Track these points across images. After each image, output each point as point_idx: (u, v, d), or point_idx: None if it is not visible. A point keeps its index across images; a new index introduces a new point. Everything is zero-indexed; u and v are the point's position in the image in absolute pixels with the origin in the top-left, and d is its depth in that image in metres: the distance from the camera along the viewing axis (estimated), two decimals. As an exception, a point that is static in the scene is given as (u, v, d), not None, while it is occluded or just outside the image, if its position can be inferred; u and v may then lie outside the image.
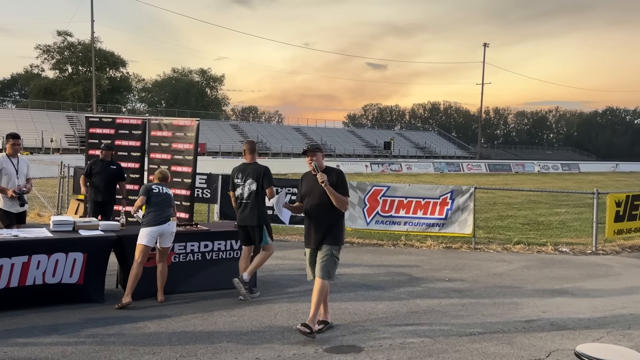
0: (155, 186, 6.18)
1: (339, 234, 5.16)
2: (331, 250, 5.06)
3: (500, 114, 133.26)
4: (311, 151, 5.16)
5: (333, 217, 5.12)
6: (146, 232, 5.89)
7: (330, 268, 5.05)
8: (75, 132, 53.23)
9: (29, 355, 4.40)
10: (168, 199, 6.15)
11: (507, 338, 5.17)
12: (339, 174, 5.16)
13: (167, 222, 5.98)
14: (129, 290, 5.82)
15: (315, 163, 5.12)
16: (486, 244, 10.43)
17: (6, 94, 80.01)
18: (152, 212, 5.98)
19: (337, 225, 5.16)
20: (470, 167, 51.76)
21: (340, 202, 5.05)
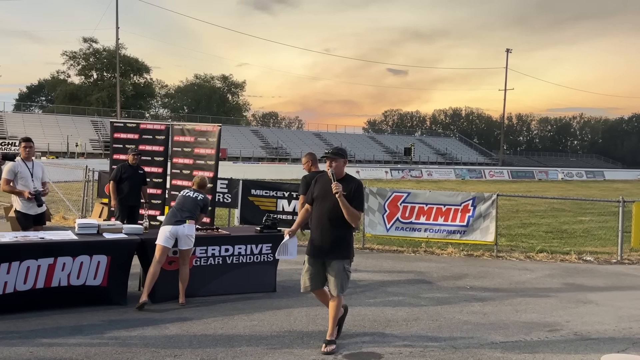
0: (185, 190, 6.47)
1: (349, 247, 4.92)
2: (343, 265, 4.84)
3: (523, 120, 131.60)
4: (330, 157, 4.84)
5: (343, 229, 4.82)
6: (161, 231, 6.04)
7: (344, 283, 4.87)
8: (99, 136, 54.19)
9: (53, 356, 4.48)
10: (191, 202, 6.22)
11: (530, 347, 5.10)
12: (357, 186, 4.85)
13: (182, 224, 6.00)
14: (146, 289, 5.90)
15: (332, 170, 4.82)
16: (508, 252, 10.30)
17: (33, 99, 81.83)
18: (170, 212, 6.20)
19: (347, 238, 4.89)
20: (492, 173, 51.20)
21: (352, 216, 4.74)
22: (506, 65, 70.86)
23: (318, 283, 4.97)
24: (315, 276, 4.95)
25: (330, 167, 4.84)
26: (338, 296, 4.90)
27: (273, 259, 6.88)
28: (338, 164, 4.85)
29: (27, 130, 50.76)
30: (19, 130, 50.43)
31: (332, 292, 4.89)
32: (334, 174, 4.80)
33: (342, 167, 4.91)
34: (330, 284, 4.87)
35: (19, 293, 5.51)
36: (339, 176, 4.86)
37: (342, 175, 4.90)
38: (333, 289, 4.86)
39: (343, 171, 4.92)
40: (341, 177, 4.88)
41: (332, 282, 4.85)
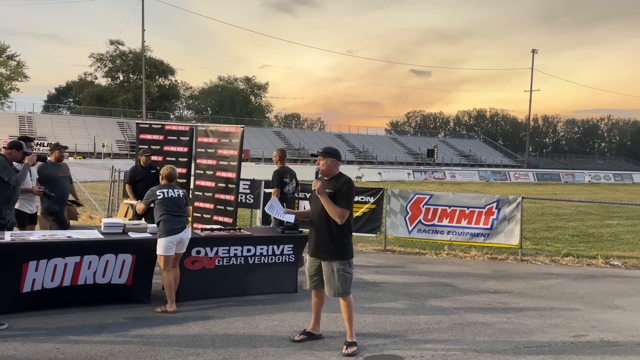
0: (160, 191, 5.98)
1: (344, 248, 4.84)
2: (339, 266, 4.81)
3: (549, 122, 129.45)
4: (319, 155, 4.89)
5: (334, 229, 4.78)
6: (163, 242, 5.75)
7: (342, 285, 4.81)
8: (125, 137, 55.09)
9: (79, 353, 4.57)
10: (180, 203, 5.98)
11: (554, 353, 5.01)
12: (344, 183, 4.81)
13: (183, 230, 5.87)
14: (171, 298, 5.82)
15: (318, 168, 4.89)
16: (533, 256, 10.14)
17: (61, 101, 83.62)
18: (164, 220, 5.80)
19: (341, 239, 4.82)
20: (518, 176, 50.44)
21: (333, 212, 4.70)
22: (532, 66, 69.82)
23: (318, 283, 5.00)
24: (314, 276, 5.01)
25: (318, 165, 4.92)
26: (341, 297, 4.87)
27: (294, 259, 6.90)
28: (326, 163, 4.88)
29: (56, 131, 51.95)
30: (47, 131, 51.62)
31: (327, 293, 4.92)
32: (317, 172, 4.89)
33: (332, 166, 4.91)
34: (325, 286, 4.90)
35: (46, 290, 5.64)
36: (329, 175, 4.90)
37: (334, 174, 4.91)
38: (327, 290, 4.89)
39: (334, 170, 4.92)
40: (332, 175, 4.90)
41: (326, 284, 4.88)
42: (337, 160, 4.95)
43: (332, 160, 4.90)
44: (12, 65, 63.16)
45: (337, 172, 4.94)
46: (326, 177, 4.93)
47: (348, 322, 4.91)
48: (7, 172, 6.23)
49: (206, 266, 6.39)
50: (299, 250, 6.96)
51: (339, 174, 4.94)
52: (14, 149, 6.42)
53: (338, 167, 4.97)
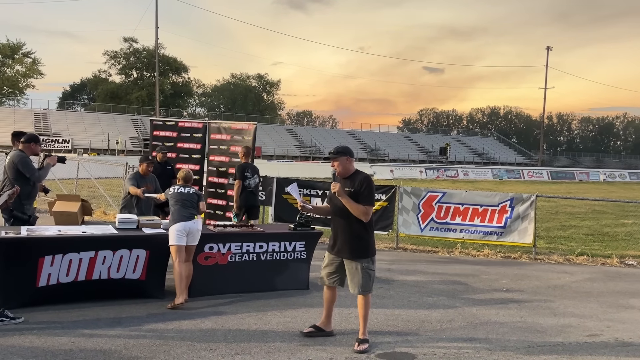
0: (173, 187, 6.27)
1: (367, 246, 4.84)
2: (362, 264, 4.81)
3: (563, 120, 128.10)
4: (332, 157, 4.87)
5: (356, 227, 4.78)
6: (173, 230, 5.91)
7: (366, 283, 4.83)
8: (139, 134, 55.49)
9: (94, 346, 4.63)
10: (190, 197, 6.11)
11: (568, 352, 4.97)
12: (363, 180, 4.78)
13: (191, 220, 5.98)
14: (182, 290, 5.84)
15: (334, 170, 4.88)
16: (547, 255, 10.06)
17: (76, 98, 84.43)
18: (174, 211, 6.03)
19: (363, 237, 4.81)
20: (531, 174, 50.03)
21: (357, 211, 4.69)
22: (546, 63, 69.15)
23: (336, 281, 5.02)
24: (333, 273, 5.01)
25: (333, 167, 4.90)
26: (361, 295, 4.88)
27: (306, 256, 6.92)
28: (340, 163, 4.85)
29: (70, 127, 52.50)
30: (62, 127, 52.16)
31: (350, 291, 4.93)
32: (334, 174, 4.89)
33: (348, 164, 4.88)
34: (349, 283, 4.92)
35: (61, 285, 5.71)
36: (345, 174, 4.87)
37: (350, 172, 4.88)
38: (352, 288, 4.90)
39: (350, 168, 4.89)
40: (349, 174, 4.87)
41: (350, 281, 4.90)
42: (350, 157, 4.92)
43: (346, 159, 4.87)
44: (28, 63, 64.00)
45: (353, 170, 4.92)
46: (343, 177, 4.89)
47: (363, 319, 4.92)
48: (29, 169, 6.31)
49: (219, 262, 6.43)
50: (311, 247, 6.97)
51: (356, 171, 4.92)
52: (32, 142, 6.48)
53: (352, 163, 4.95)
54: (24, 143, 6.46)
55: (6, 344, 4.57)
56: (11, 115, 52.42)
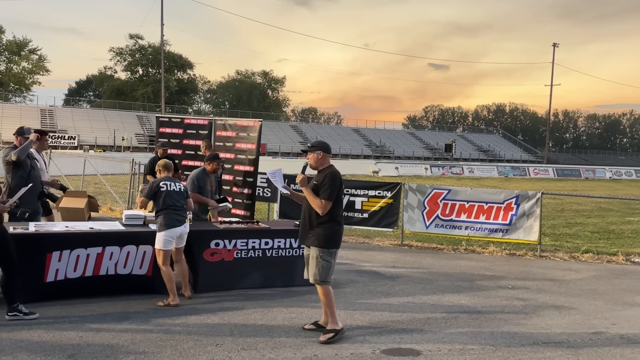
0: (163, 183, 5.86)
1: (326, 237, 4.91)
2: (318, 253, 4.91)
3: (569, 117, 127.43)
4: (308, 150, 5.06)
5: (317, 218, 4.92)
6: (162, 236, 5.71)
7: (319, 272, 4.90)
8: (144, 131, 55.68)
9: (101, 341, 4.67)
10: (180, 197, 5.88)
11: (573, 349, 4.98)
12: (327, 175, 4.92)
13: (183, 225, 5.83)
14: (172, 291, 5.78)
15: (306, 162, 5.06)
16: (552, 252, 10.05)
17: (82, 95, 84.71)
18: (165, 214, 5.72)
19: (323, 227, 4.91)
20: (537, 171, 49.84)
21: (314, 203, 4.89)
22: (552, 60, 68.75)
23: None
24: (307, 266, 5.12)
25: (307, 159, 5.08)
26: (319, 285, 4.95)
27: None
28: (313, 156, 5.02)
29: (76, 124, 52.71)
30: (68, 124, 52.39)
31: (305, 277, 5.07)
32: (304, 166, 5.05)
33: (320, 159, 5.02)
34: (307, 270, 5.05)
35: (69, 280, 5.76)
36: (316, 167, 5.04)
37: (323, 166, 5.03)
38: (308, 274, 5.03)
39: (323, 162, 5.04)
40: (320, 168, 5.03)
41: (306, 268, 5.05)
42: (325, 152, 5.04)
43: (320, 153, 5.01)
44: (34, 60, 64.26)
45: (326, 165, 5.05)
46: (316, 170, 5.09)
47: (328, 309, 4.99)
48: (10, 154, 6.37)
49: (225, 258, 6.46)
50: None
51: (328, 166, 5.04)
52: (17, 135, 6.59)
53: (327, 159, 5.06)
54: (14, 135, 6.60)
55: (15, 339, 4.62)
56: (17, 111, 52.69)
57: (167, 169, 6.07)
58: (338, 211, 4.99)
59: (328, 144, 5.20)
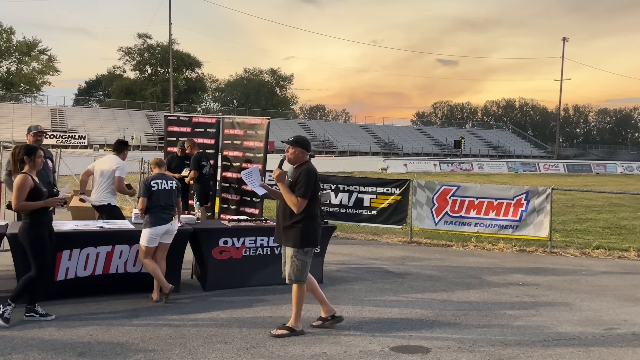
0: (155, 182, 5.90)
1: (300, 236, 4.85)
2: (293, 253, 4.88)
3: (580, 112, 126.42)
4: (288, 143, 5.00)
5: (292, 217, 4.86)
6: (147, 233, 5.75)
7: (295, 272, 4.88)
8: (154, 130, 55.90)
9: (111, 339, 4.70)
10: (169, 194, 5.90)
11: (584, 346, 4.94)
12: (302, 171, 4.87)
13: (169, 222, 5.82)
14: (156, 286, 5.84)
15: (283, 156, 5.02)
16: (563, 248, 9.97)
17: (91, 94, 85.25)
18: (152, 212, 5.77)
19: (297, 225, 4.85)
20: (547, 167, 49.50)
21: (289, 200, 4.82)
22: (562, 55, 68.23)
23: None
24: (284, 263, 5.09)
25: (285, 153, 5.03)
26: (294, 283, 4.93)
27: (320, 250, 6.93)
28: (292, 151, 4.96)
29: (86, 123, 53.04)
30: (78, 123, 52.73)
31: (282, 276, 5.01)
32: (282, 160, 5.01)
33: (299, 155, 4.97)
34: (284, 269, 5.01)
35: (79, 279, 5.81)
36: (294, 163, 4.99)
37: (300, 162, 4.98)
38: (285, 274, 4.98)
39: (301, 158, 4.99)
40: (297, 164, 4.98)
41: (285, 268, 4.98)
42: (305, 150, 5.00)
43: (299, 150, 4.96)
44: (44, 60, 64.72)
45: (302, 161, 5.01)
46: (293, 165, 5.05)
47: (295, 307, 4.98)
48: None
49: (233, 256, 6.48)
50: (324, 241, 6.99)
51: (304, 162, 5.01)
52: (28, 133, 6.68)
53: (305, 156, 5.02)
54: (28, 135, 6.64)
55: (26, 337, 4.66)
56: (28, 111, 53.12)
57: (160, 166, 6.13)
58: (313, 209, 4.94)
59: (308, 141, 5.15)
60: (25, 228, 4.99)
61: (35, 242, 4.97)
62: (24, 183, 4.93)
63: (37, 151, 5.18)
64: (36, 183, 5.02)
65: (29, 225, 4.98)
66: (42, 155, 5.26)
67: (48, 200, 5.03)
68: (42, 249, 4.99)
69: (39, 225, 5.00)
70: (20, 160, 5.10)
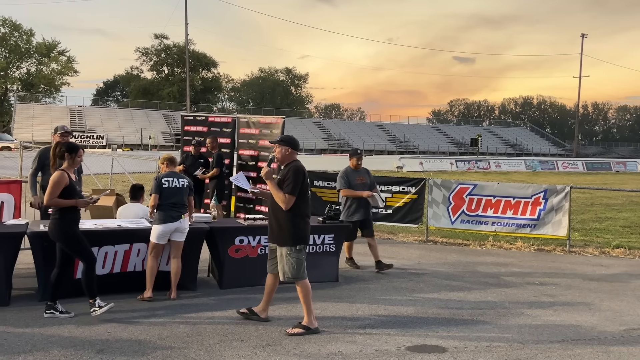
0: (166, 180, 5.90)
1: (292, 233, 4.91)
2: (286, 252, 4.94)
3: (599, 109, 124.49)
4: (276, 143, 5.09)
5: (282, 214, 4.91)
6: (156, 230, 5.78)
7: (291, 270, 4.93)
8: (170, 129, 56.40)
9: (129, 336, 4.75)
10: (179, 192, 5.89)
11: (604, 347, 4.86)
12: (290, 169, 4.94)
13: (178, 220, 5.82)
14: (149, 285, 5.84)
15: (272, 155, 5.06)
16: (582, 247, 9.83)
17: (109, 95, 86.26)
18: (162, 210, 5.79)
19: (288, 224, 4.91)
20: (566, 165, 48.85)
21: (277, 198, 4.89)
22: (581, 51, 67.27)
23: (275, 267, 5.13)
24: (272, 260, 5.15)
25: (273, 152, 5.13)
26: (293, 282, 5.00)
27: (335, 249, 6.94)
28: (280, 150, 5.04)
29: (104, 123, 53.72)
30: (96, 123, 53.44)
31: (280, 277, 5.05)
32: (271, 159, 5.10)
33: (287, 154, 5.04)
34: (279, 268, 5.04)
35: (98, 277, 5.82)
36: (282, 162, 5.08)
37: (288, 161, 5.05)
38: (279, 273, 5.03)
39: (289, 157, 5.05)
40: (285, 162, 5.05)
41: (278, 267, 5.04)
42: (292, 148, 5.06)
43: (287, 149, 5.02)
44: (63, 61, 65.60)
45: (290, 160, 5.06)
46: (281, 165, 5.13)
47: (304, 305, 5.01)
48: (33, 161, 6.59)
49: (249, 255, 6.51)
50: (340, 240, 6.99)
51: (293, 161, 5.07)
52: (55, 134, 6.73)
53: (294, 155, 5.08)
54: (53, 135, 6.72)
55: (46, 334, 4.74)
56: (48, 112, 53.95)
57: (172, 163, 6.18)
58: (302, 206, 4.99)
59: (297, 140, 5.22)
60: (56, 224, 5.11)
61: (70, 237, 5.11)
62: (60, 179, 5.04)
63: (79, 150, 5.31)
64: (72, 181, 5.15)
65: (59, 220, 5.10)
66: (82, 155, 5.39)
67: (79, 201, 5.16)
68: (80, 241, 5.15)
69: (68, 221, 5.13)
70: (61, 156, 5.21)
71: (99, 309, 5.12)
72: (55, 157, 5.23)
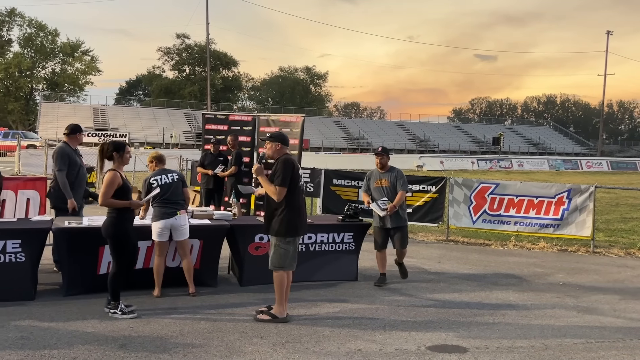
0: (154, 179, 5.86)
1: (281, 225, 5.10)
2: (275, 241, 5.17)
3: (625, 108, 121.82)
4: (267, 139, 5.29)
5: (273, 206, 5.13)
6: (155, 227, 5.79)
7: (276, 259, 5.15)
8: (192, 128, 56.90)
9: (151, 332, 4.81)
10: (170, 188, 5.83)
11: (629, 349, 4.77)
12: (279, 162, 5.14)
13: (173, 217, 5.76)
14: (157, 284, 5.86)
15: (263, 152, 5.20)
16: (606, 248, 9.65)
17: (132, 94, 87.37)
18: (156, 206, 5.79)
19: (278, 215, 5.11)
20: (590, 164, 47.98)
21: (269, 190, 5.10)
22: (606, 49, 65.91)
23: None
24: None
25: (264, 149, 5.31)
26: (275, 270, 5.16)
27: (355, 247, 6.92)
28: (271, 146, 5.23)
29: (127, 122, 54.45)
30: (119, 122, 54.18)
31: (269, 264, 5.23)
32: (262, 156, 5.29)
33: (277, 150, 5.22)
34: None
35: (122, 272, 5.95)
36: (273, 158, 5.28)
37: (278, 156, 5.21)
38: (269, 261, 5.22)
39: (279, 153, 5.23)
40: (276, 158, 5.23)
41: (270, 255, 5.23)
42: (282, 144, 5.26)
43: (277, 144, 5.21)
44: (87, 60, 66.66)
45: (280, 155, 5.22)
46: (271, 160, 5.33)
47: (276, 294, 5.20)
48: (57, 162, 6.53)
49: (269, 252, 6.52)
50: (360, 238, 6.97)
51: (283, 155, 5.22)
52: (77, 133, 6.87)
53: (284, 150, 5.26)
54: (68, 135, 6.78)
55: (70, 329, 4.83)
56: (72, 111, 54.88)
57: (160, 161, 6.17)
58: (294, 198, 5.16)
59: (287, 136, 5.44)
60: (111, 222, 5.18)
61: (118, 237, 5.15)
62: (113, 179, 5.12)
63: (126, 147, 5.38)
64: (124, 180, 5.22)
65: (115, 219, 5.17)
66: (130, 151, 5.48)
67: (132, 202, 5.26)
68: (125, 244, 5.18)
69: (123, 220, 5.20)
70: (109, 156, 5.27)
71: (120, 314, 5.13)
72: (104, 158, 5.29)
